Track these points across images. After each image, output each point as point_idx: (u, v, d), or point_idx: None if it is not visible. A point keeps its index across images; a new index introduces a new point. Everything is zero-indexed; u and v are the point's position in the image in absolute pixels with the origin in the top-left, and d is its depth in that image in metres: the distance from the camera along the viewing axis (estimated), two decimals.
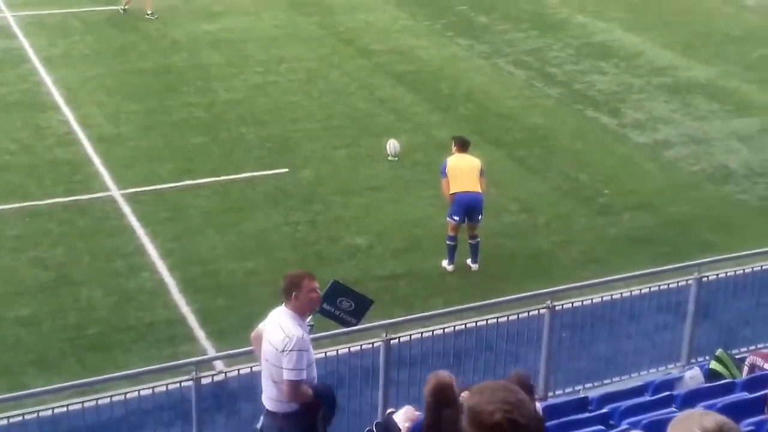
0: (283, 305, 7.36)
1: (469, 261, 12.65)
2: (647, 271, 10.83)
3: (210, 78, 19.07)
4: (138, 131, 16.59)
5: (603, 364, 10.24)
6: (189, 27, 22.09)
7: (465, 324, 9.65)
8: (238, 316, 11.40)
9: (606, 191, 14.93)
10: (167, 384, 8.67)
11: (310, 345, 7.39)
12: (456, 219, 12.37)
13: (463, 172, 12.38)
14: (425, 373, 7.25)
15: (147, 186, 14.62)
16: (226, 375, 9.10)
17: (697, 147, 16.60)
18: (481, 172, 12.45)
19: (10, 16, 22.61)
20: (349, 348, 9.18)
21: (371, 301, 9.13)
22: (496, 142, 16.47)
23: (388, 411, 7.52)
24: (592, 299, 10.17)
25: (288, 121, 17.16)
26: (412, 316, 10.32)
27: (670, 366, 10.16)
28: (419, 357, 9.34)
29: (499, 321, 9.63)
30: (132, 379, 9.07)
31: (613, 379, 9.94)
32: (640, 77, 19.72)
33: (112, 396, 8.43)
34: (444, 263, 12.61)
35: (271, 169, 15.27)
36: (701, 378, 8.75)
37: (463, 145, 12.73)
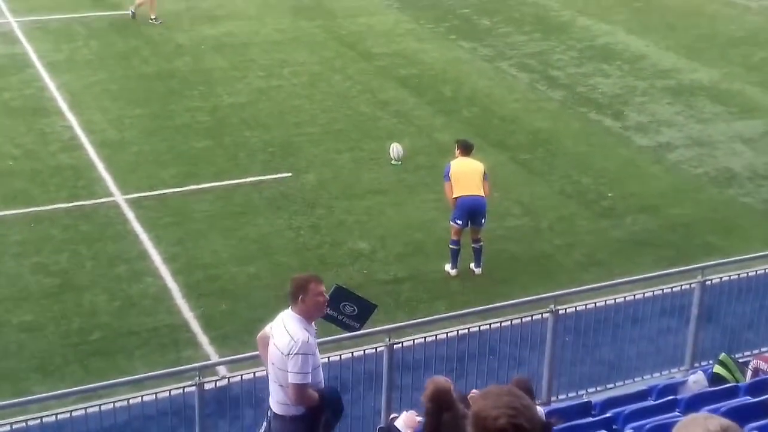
0: (290, 308, 7.35)
1: (473, 265, 12.63)
2: (651, 275, 10.83)
3: (213, 82, 19.09)
4: (141, 136, 16.60)
5: (606, 368, 10.23)
6: (192, 31, 22.12)
7: (468, 328, 9.62)
8: (241, 321, 11.41)
9: (609, 194, 14.91)
10: (170, 389, 8.67)
11: (316, 348, 7.37)
12: (459, 223, 12.36)
13: (466, 175, 12.37)
14: (428, 378, 7.24)
15: (150, 191, 14.63)
16: (229, 380, 9.07)
17: (701, 149, 16.59)
18: (484, 175, 12.43)
19: (13, 21, 22.65)
20: (353, 353, 9.20)
21: (374, 306, 9.14)
22: (499, 145, 16.46)
23: (390, 417, 7.51)
24: (595, 303, 10.13)
25: (291, 125, 17.17)
26: (415, 320, 10.30)
27: (673, 370, 10.14)
28: (422, 361, 9.33)
29: (503, 325, 9.64)
30: (135, 385, 9.07)
31: (617, 384, 9.91)
32: (643, 80, 19.70)
33: (115, 402, 8.43)
34: (447, 267, 12.60)
35: (275, 173, 15.27)
36: (705, 382, 8.72)
37: (466, 149, 12.71)
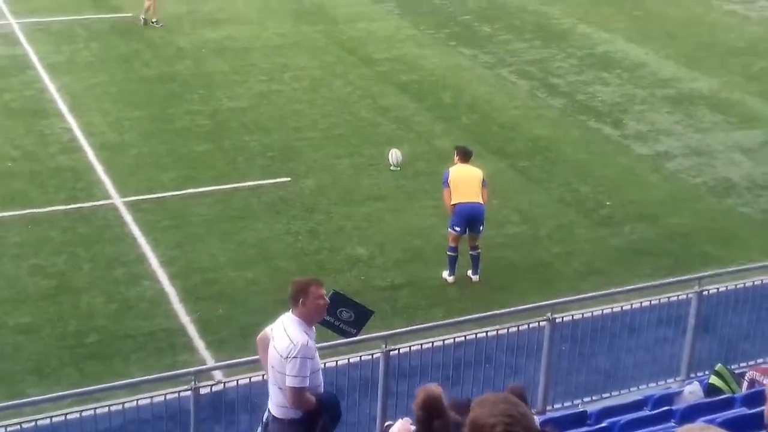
0: (290, 312, 7.34)
1: (470, 272, 12.62)
2: (648, 284, 10.84)
3: (214, 86, 19.10)
4: (141, 139, 16.61)
5: (602, 377, 10.22)
6: (193, 35, 22.15)
7: (465, 336, 9.61)
8: (237, 325, 11.41)
9: (608, 203, 14.92)
10: (166, 394, 8.64)
11: (315, 352, 7.34)
12: (457, 230, 12.36)
13: (465, 182, 12.36)
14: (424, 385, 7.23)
15: (149, 194, 14.63)
16: (224, 385, 9.06)
17: (700, 159, 16.60)
18: (483, 182, 12.43)
19: (14, 23, 22.67)
20: (349, 359, 9.17)
21: (371, 312, 9.12)
22: (498, 152, 16.47)
23: (386, 424, 7.49)
24: (592, 312, 10.12)
25: (291, 130, 17.18)
26: (411, 327, 10.28)
27: (669, 380, 10.12)
28: (419, 368, 9.31)
29: (499, 333, 9.62)
30: (131, 388, 9.06)
31: (613, 393, 9.89)
32: (643, 88, 19.72)
33: (110, 405, 8.40)
34: (445, 274, 12.60)
35: (274, 178, 15.28)
36: (701, 393, 8.70)
37: (466, 155, 12.71)
